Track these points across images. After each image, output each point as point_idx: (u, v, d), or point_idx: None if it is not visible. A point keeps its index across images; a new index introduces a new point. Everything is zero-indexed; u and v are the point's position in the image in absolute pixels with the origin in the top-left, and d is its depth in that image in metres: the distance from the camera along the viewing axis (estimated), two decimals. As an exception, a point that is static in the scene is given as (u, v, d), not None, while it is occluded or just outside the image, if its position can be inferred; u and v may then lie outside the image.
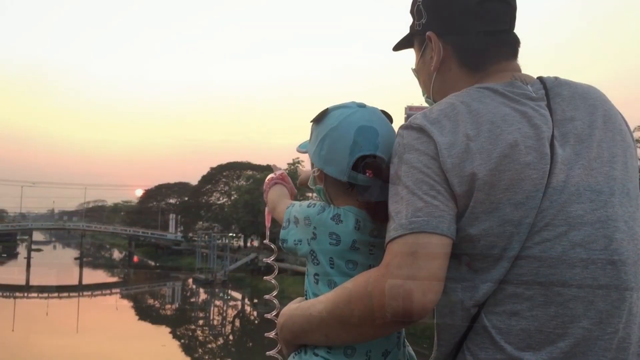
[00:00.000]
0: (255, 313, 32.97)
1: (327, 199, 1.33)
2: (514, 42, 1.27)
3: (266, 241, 1.63)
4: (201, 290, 43.10)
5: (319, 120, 1.33)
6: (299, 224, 1.31)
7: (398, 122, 1.29)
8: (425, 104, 1.40)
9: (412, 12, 1.37)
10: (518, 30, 1.28)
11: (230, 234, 54.20)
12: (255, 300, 35.22)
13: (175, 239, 67.91)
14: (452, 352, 1.14)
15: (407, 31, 1.41)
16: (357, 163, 1.25)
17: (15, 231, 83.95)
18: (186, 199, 71.95)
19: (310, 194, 7.04)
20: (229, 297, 39.85)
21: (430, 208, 1.07)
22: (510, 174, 1.07)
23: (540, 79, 1.23)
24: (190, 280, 47.21)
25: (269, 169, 1.41)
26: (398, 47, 1.44)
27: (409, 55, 1.43)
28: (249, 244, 57.03)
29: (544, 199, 1.07)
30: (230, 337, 28.77)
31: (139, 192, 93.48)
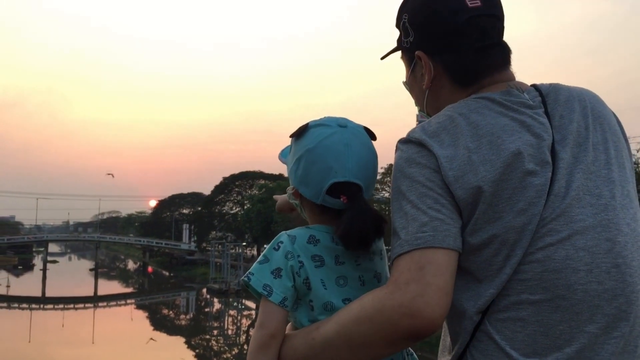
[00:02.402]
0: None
1: (303, 213, 1.32)
2: (505, 52, 1.26)
3: None
4: (215, 300, 43.12)
5: (298, 135, 1.29)
6: (282, 272, 1.20)
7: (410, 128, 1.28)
8: None
9: (397, 27, 1.34)
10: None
11: (244, 243, 54.29)
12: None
13: (189, 249, 68.10)
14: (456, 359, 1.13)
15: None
16: (331, 188, 1.22)
17: (31, 243, 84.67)
18: (199, 209, 72.20)
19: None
20: (243, 306, 39.80)
21: (436, 222, 1.06)
22: (513, 183, 1.07)
23: (534, 86, 1.23)
24: (204, 290, 47.28)
25: (281, 177, 1.40)
26: (386, 56, 1.42)
27: None
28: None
29: (546, 205, 1.07)
30: (245, 346, 28.72)
31: (153, 203, 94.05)
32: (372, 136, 1.32)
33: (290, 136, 1.31)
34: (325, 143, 1.24)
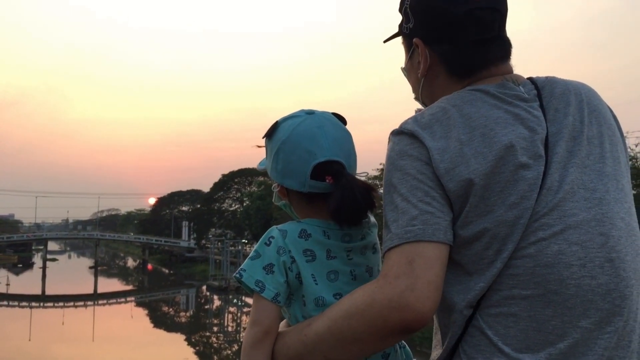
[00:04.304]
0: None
1: (293, 213, 1.31)
2: (505, 46, 1.24)
3: None
4: (215, 297, 43.15)
5: (270, 134, 1.30)
6: (274, 268, 1.20)
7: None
8: None
9: (400, 11, 1.33)
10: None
11: (243, 240, 54.30)
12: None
13: (189, 246, 68.11)
14: (448, 354, 1.13)
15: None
16: (315, 171, 1.22)
17: (30, 241, 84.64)
18: (199, 206, 72.19)
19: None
20: (242, 303, 39.82)
21: (426, 216, 1.06)
22: (505, 176, 1.06)
23: (530, 79, 1.22)
24: (204, 287, 47.32)
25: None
26: (388, 40, 1.41)
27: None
28: (261, 250, 56.55)
29: (539, 199, 1.06)
30: (245, 343, 28.67)
31: (152, 201, 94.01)
32: (343, 121, 1.32)
33: (263, 137, 1.31)
34: (298, 130, 1.25)
